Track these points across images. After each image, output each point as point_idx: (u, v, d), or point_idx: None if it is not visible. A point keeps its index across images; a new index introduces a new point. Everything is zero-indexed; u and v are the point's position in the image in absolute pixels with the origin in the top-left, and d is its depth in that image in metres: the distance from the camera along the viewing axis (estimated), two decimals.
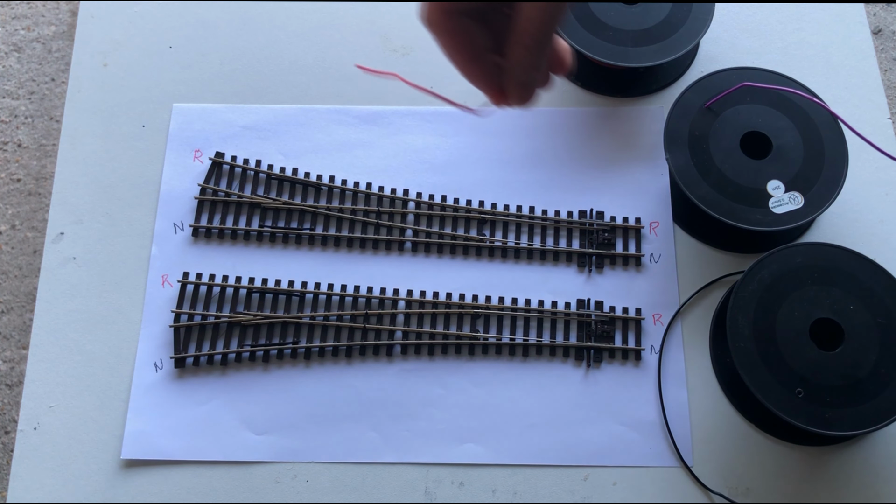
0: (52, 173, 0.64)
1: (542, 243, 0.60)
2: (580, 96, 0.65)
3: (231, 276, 0.59)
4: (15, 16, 0.71)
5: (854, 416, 0.50)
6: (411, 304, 0.58)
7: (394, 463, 0.55)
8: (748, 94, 0.59)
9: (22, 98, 0.68)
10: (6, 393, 0.59)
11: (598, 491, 0.54)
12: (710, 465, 0.54)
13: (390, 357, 0.57)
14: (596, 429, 0.55)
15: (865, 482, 0.54)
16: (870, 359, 0.52)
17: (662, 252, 0.60)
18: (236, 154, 0.63)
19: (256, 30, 0.67)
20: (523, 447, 0.55)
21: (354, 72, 0.66)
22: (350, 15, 0.68)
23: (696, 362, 0.57)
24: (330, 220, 0.61)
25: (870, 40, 0.66)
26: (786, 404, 0.50)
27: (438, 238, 0.60)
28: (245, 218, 0.61)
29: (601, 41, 0.61)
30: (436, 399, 0.56)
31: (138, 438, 0.55)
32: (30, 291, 0.62)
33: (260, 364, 0.57)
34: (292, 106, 0.65)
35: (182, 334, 0.57)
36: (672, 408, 0.55)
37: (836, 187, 0.56)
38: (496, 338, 0.57)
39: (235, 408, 0.56)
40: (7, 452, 0.57)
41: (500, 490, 0.54)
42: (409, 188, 0.62)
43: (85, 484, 0.54)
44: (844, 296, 0.53)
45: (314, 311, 0.58)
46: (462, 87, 0.65)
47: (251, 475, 0.54)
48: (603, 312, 0.58)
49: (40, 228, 0.63)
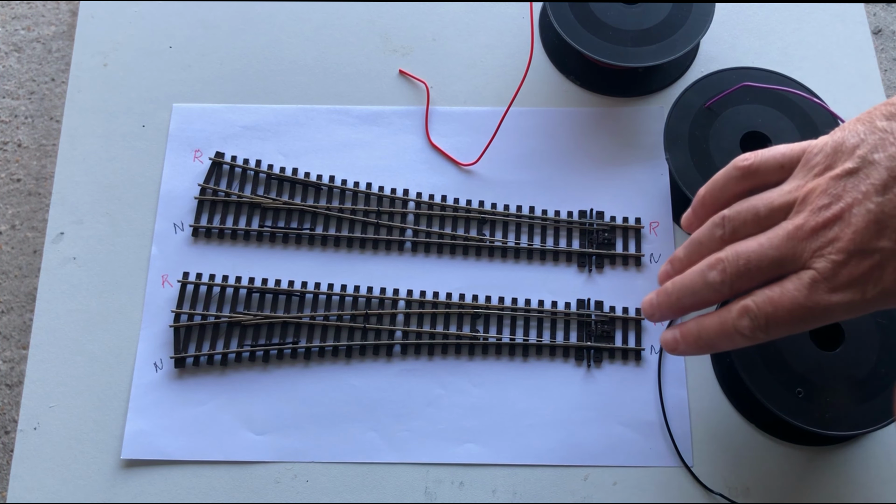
0: (52, 173, 0.64)
1: (542, 243, 0.60)
2: (580, 96, 0.65)
3: (231, 276, 0.59)
4: (15, 16, 0.71)
5: (854, 416, 0.50)
6: (411, 304, 0.58)
7: (394, 463, 0.55)
8: (748, 94, 0.59)
9: (22, 98, 0.68)
10: (6, 393, 0.59)
11: (598, 491, 0.54)
12: (710, 465, 0.54)
13: (390, 357, 0.57)
14: (596, 429, 0.55)
15: (865, 482, 0.54)
16: (870, 359, 0.52)
17: (662, 252, 0.60)
18: (236, 154, 0.63)
19: (256, 30, 0.67)
20: (523, 447, 0.55)
21: (354, 72, 0.66)
22: (350, 15, 0.68)
23: (696, 362, 0.57)
24: (330, 220, 0.61)
25: (870, 40, 0.66)
26: (786, 404, 0.50)
27: (438, 238, 0.60)
28: (245, 218, 0.61)
29: (601, 41, 0.61)
30: (436, 399, 0.56)
31: (138, 438, 0.55)
32: (30, 291, 0.62)
33: (260, 364, 0.57)
34: (292, 106, 0.65)
35: (182, 334, 0.57)
36: (672, 408, 0.55)
37: None
38: (496, 338, 0.57)
39: (235, 408, 0.56)
40: (7, 452, 0.57)
41: (500, 490, 0.54)
42: (409, 188, 0.62)
43: (85, 484, 0.54)
44: None
45: (314, 311, 0.58)
46: (462, 87, 0.65)
47: (251, 475, 0.54)
48: (603, 312, 0.58)
49: (40, 228, 0.63)
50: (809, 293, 0.34)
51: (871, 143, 0.34)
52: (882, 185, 0.33)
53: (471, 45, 0.67)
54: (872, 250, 0.33)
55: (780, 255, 0.35)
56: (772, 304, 0.35)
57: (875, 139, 0.34)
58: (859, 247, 0.33)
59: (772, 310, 0.35)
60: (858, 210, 0.33)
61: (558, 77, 0.65)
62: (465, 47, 0.67)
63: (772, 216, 0.36)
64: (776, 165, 0.38)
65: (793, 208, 0.36)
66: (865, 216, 0.33)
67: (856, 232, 0.33)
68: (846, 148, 0.35)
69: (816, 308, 0.34)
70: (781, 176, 0.38)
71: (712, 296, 0.38)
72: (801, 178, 0.36)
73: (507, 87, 0.64)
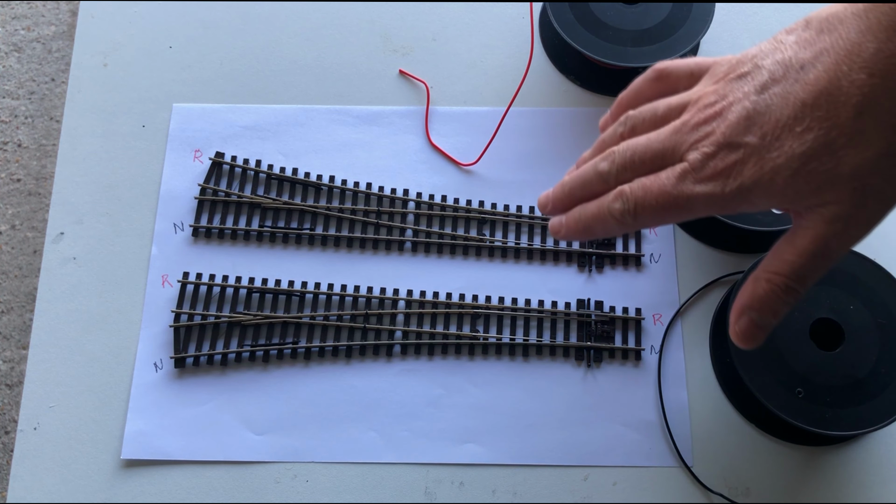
0: (52, 173, 0.64)
1: (542, 243, 0.60)
2: (580, 96, 0.65)
3: (231, 276, 0.59)
4: (15, 16, 0.71)
5: (854, 416, 0.50)
6: (411, 304, 0.58)
7: (394, 463, 0.55)
8: None
9: (22, 98, 0.68)
10: (6, 393, 0.59)
11: (598, 491, 0.54)
12: (710, 465, 0.54)
13: (390, 357, 0.57)
14: (596, 429, 0.55)
15: (865, 482, 0.54)
16: (870, 359, 0.52)
17: (662, 252, 0.60)
18: (236, 154, 0.63)
19: (256, 30, 0.67)
20: (523, 447, 0.55)
21: (354, 72, 0.66)
22: (350, 15, 0.68)
23: (696, 362, 0.57)
24: (330, 220, 0.61)
25: None
26: (786, 404, 0.50)
27: (438, 238, 0.60)
28: (245, 218, 0.61)
29: (601, 41, 0.61)
30: (436, 399, 0.56)
31: (138, 438, 0.55)
32: (30, 291, 0.62)
33: (260, 364, 0.57)
34: (292, 106, 0.65)
35: (182, 334, 0.57)
36: (672, 408, 0.55)
37: None
38: (496, 338, 0.57)
39: (235, 408, 0.56)
40: (7, 452, 0.57)
41: (500, 490, 0.54)
42: (409, 188, 0.62)
43: (85, 484, 0.54)
44: (844, 296, 0.53)
45: (314, 311, 0.58)
46: (462, 87, 0.65)
47: (251, 475, 0.54)
48: (603, 312, 0.58)
49: (40, 228, 0.63)
50: (677, 182, 0.36)
51: (765, 51, 0.36)
52: (761, 86, 0.34)
53: (471, 45, 0.67)
54: (739, 144, 0.34)
55: (662, 147, 0.37)
56: (643, 189, 0.36)
57: (770, 48, 0.36)
58: (728, 140, 0.34)
59: (642, 195, 0.36)
60: (735, 107, 0.35)
61: (558, 77, 0.65)
62: (465, 47, 0.67)
63: (668, 115, 0.38)
64: (687, 72, 0.40)
65: (686, 108, 0.37)
66: (739, 112, 0.34)
67: (728, 126, 0.35)
68: (746, 57, 0.36)
69: (681, 197, 0.35)
70: (690, 83, 0.39)
71: (600, 186, 0.39)
72: (703, 84, 0.38)
73: (507, 87, 0.64)
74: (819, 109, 0.33)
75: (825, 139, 0.33)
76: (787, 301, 0.36)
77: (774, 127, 0.34)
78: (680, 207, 0.36)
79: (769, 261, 0.36)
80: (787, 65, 0.34)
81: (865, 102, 0.32)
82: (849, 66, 0.32)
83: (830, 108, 0.33)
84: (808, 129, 0.33)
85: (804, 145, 0.33)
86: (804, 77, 0.33)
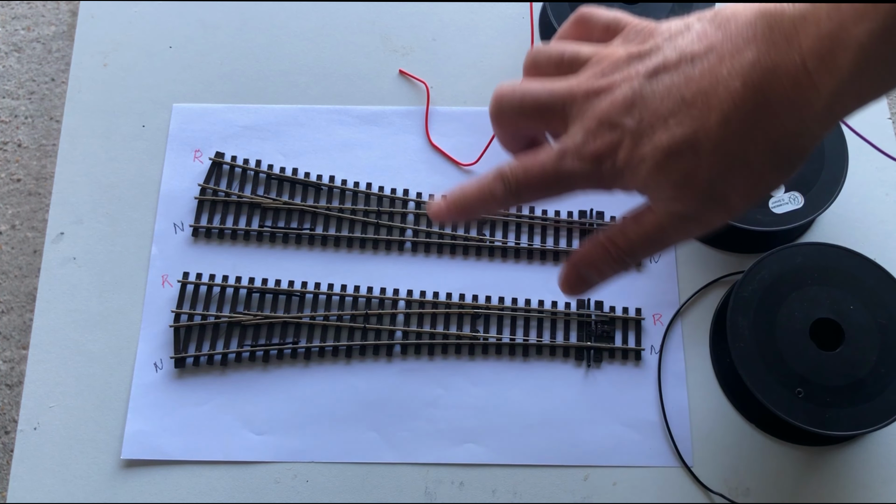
0: (52, 173, 0.64)
1: (542, 243, 0.60)
2: None
3: (231, 276, 0.59)
4: (15, 16, 0.71)
5: (854, 416, 0.50)
6: (411, 304, 0.58)
7: (394, 463, 0.55)
8: None
9: (22, 98, 0.68)
10: (6, 393, 0.59)
11: (598, 491, 0.54)
12: (710, 465, 0.54)
13: (390, 357, 0.57)
14: (596, 429, 0.55)
15: (865, 482, 0.54)
16: (870, 359, 0.52)
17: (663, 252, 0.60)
18: (236, 154, 0.63)
19: (256, 30, 0.67)
20: (523, 447, 0.55)
21: (354, 72, 0.66)
22: (350, 15, 0.68)
23: (696, 362, 0.57)
24: (330, 220, 0.61)
25: None
26: (786, 404, 0.50)
27: (438, 238, 0.60)
28: (245, 218, 0.61)
29: None
30: (436, 399, 0.56)
31: (138, 438, 0.55)
32: (30, 291, 0.62)
33: (260, 364, 0.57)
34: (292, 106, 0.65)
35: (182, 334, 0.57)
36: (672, 408, 0.55)
37: (836, 187, 0.56)
38: (496, 338, 0.57)
39: (235, 408, 0.56)
40: (7, 452, 0.57)
41: (500, 490, 0.54)
42: (409, 188, 0.62)
43: (85, 484, 0.54)
44: (844, 296, 0.53)
45: (314, 311, 0.58)
46: (462, 87, 0.65)
47: (251, 475, 0.54)
48: (603, 312, 0.58)
49: (40, 228, 0.63)
50: (556, 161, 0.36)
51: (673, 33, 0.35)
52: (653, 70, 0.34)
53: (471, 45, 0.67)
54: (616, 125, 0.34)
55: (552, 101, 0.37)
56: (523, 170, 0.37)
57: (677, 30, 0.35)
58: (609, 118, 0.34)
59: (523, 175, 0.37)
60: (623, 87, 0.35)
61: None
62: (465, 47, 0.67)
63: (572, 64, 0.38)
64: (603, 24, 0.39)
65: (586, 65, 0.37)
66: (625, 93, 0.34)
67: (611, 104, 0.34)
68: (657, 33, 0.36)
69: (561, 174, 0.36)
70: (605, 37, 0.39)
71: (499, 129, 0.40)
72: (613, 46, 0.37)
73: None
74: (694, 108, 0.33)
75: (692, 139, 0.33)
76: (616, 269, 0.38)
77: (652, 115, 0.33)
78: (562, 184, 0.36)
79: (613, 229, 0.37)
80: (681, 54, 0.34)
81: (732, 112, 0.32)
82: (728, 71, 0.32)
83: (703, 110, 0.32)
84: (680, 124, 0.33)
85: (671, 139, 0.33)
86: (691, 71, 0.33)
